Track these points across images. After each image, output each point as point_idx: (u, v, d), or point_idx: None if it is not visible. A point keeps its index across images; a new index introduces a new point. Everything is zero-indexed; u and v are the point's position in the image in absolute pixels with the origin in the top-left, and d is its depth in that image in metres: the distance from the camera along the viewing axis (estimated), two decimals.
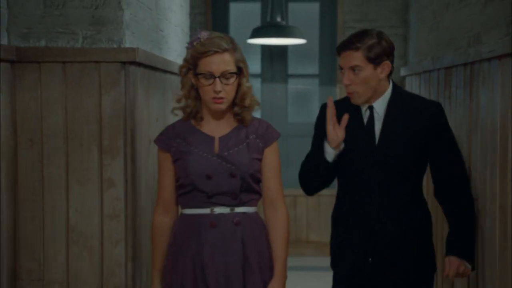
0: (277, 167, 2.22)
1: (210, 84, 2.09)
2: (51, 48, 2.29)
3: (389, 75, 2.33)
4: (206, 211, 2.12)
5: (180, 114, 2.23)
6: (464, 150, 2.70)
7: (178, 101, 2.20)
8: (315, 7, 5.46)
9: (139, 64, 2.43)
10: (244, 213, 2.14)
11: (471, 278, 2.61)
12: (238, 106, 2.17)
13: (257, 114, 6.34)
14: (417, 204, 2.37)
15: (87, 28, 2.30)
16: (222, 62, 2.09)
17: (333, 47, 5.37)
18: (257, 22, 5.32)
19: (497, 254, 2.30)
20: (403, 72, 4.36)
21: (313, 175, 2.39)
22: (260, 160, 2.18)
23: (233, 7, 5.50)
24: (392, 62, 2.31)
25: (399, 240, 2.31)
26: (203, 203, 2.12)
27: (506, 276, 2.21)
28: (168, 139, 2.17)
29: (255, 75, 5.54)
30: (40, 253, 2.31)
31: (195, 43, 2.12)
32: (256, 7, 5.46)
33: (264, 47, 5.45)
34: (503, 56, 2.25)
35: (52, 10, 2.30)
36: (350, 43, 2.28)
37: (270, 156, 2.21)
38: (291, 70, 5.53)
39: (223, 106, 2.13)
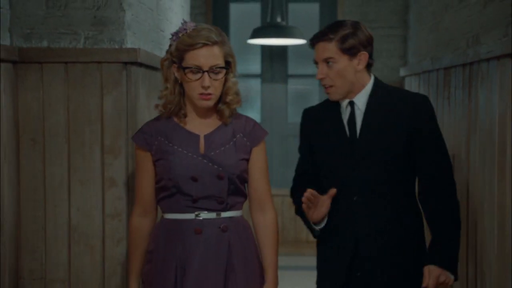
0: (265, 168, 2.08)
1: (197, 79, 1.95)
2: (53, 48, 2.31)
3: (369, 67, 2.19)
4: (190, 216, 1.98)
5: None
6: (463, 150, 2.72)
7: (163, 97, 2.04)
8: (315, 7, 5.47)
9: (141, 65, 2.44)
10: (231, 217, 2.01)
11: (470, 277, 2.63)
12: (221, 102, 2.02)
13: (257, 114, 6.31)
14: (409, 208, 2.18)
15: (89, 29, 2.32)
16: (211, 56, 1.94)
17: None
18: (257, 23, 5.33)
19: (496, 254, 2.32)
20: (402, 72, 4.38)
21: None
22: (247, 160, 2.04)
23: (233, 8, 5.51)
24: (370, 53, 2.16)
25: (393, 245, 2.13)
26: (187, 207, 1.98)
27: (505, 275, 2.23)
28: (149, 137, 2.02)
29: (255, 75, 5.56)
30: (41, 252, 2.32)
31: (180, 35, 1.96)
32: (256, 7, 5.48)
33: (264, 47, 5.46)
34: (501, 56, 2.26)
35: (54, 10, 2.31)
36: (323, 34, 2.14)
37: (258, 156, 2.06)
38: (291, 70, 5.55)
39: (210, 103, 1.98)
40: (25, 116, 2.31)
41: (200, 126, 2.03)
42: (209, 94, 1.96)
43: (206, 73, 1.94)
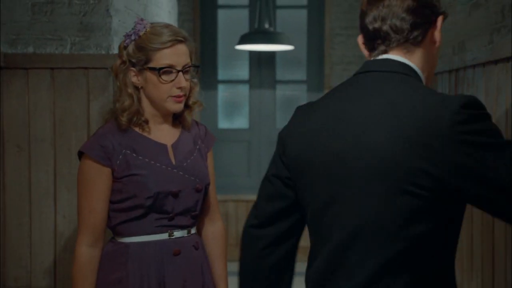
0: (214, 175, 1.93)
1: (172, 80, 1.76)
2: (39, 54, 2.30)
3: None
4: (164, 236, 1.77)
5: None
6: None
7: (125, 108, 1.78)
8: (303, 14, 5.50)
9: None
10: (195, 233, 1.86)
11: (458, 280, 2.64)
12: (184, 105, 1.86)
13: (245, 120, 6.29)
14: None
15: (75, 35, 2.31)
16: (183, 54, 1.78)
17: (321, 53, 5.41)
18: (245, 29, 5.34)
19: (483, 258, 2.33)
20: None
21: None
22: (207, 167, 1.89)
23: (221, 14, 5.52)
24: None
25: None
26: (159, 227, 1.77)
27: (493, 276, 2.24)
28: (110, 151, 1.75)
29: (243, 81, 5.57)
30: (27, 260, 2.30)
31: (142, 33, 1.77)
32: (244, 13, 5.49)
33: (252, 53, 5.47)
34: (487, 63, 2.28)
35: (40, 16, 2.30)
36: None
37: (210, 162, 1.90)
38: (279, 76, 5.56)
39: (182, 106, 1.81)
40: (10, 122, 2.29)
41: (163, 135, 1.84)
42: (183, 95, 1.80)
43: (180, 73, 1.77)
